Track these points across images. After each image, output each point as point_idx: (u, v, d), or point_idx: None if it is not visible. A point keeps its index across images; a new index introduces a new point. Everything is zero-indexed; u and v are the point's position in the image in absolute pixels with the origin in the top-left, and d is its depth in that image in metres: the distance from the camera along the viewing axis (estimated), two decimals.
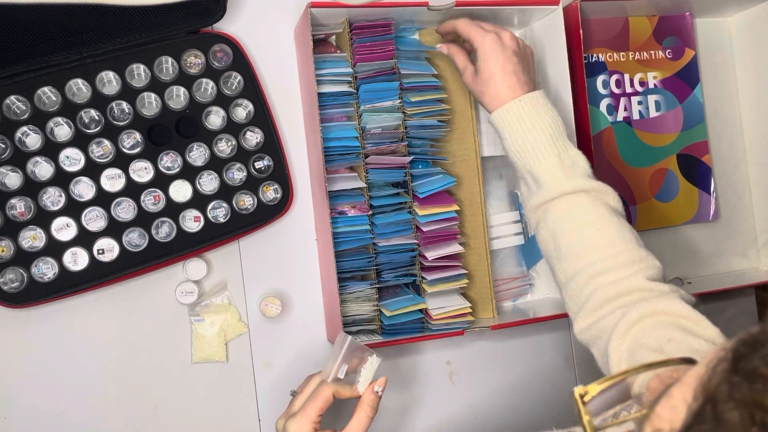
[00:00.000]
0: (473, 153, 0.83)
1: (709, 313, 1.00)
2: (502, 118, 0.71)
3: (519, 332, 0.90)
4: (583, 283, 0.65)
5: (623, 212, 0.69)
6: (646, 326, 0.59)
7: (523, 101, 0.70)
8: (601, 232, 0.66)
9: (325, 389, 0.64)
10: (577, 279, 0.66)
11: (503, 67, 0.71)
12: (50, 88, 0.72)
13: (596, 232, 0.66)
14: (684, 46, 0.97)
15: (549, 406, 0.91)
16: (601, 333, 0.63)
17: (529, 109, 0.70)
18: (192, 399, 0.79)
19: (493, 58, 0.71)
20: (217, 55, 0.77)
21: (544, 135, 0.69)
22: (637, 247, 0.66)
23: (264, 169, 0.78)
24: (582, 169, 0.69)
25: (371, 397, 0.65)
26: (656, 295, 0.62)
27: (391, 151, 0.80)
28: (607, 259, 0.65)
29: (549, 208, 0.68)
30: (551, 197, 0.68)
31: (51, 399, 0.75)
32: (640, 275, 0.64)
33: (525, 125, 0.69)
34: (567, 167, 0.68)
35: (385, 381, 0.66)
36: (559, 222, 0.68)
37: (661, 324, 0.59)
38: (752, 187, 1.01)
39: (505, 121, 0.70)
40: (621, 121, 0.94)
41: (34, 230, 0.72)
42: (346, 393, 0.65)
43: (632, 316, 0.60)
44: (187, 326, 0.79)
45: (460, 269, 0.81)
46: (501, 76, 0.71)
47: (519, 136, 0.70)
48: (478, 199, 0.83)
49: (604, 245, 0.65)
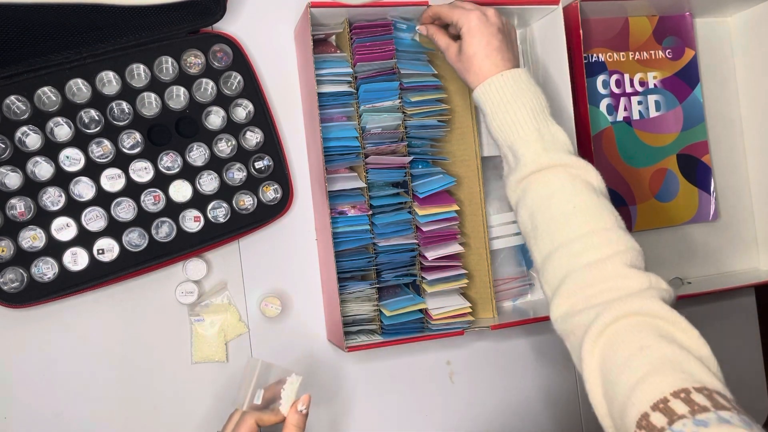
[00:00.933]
0: (473, 153, 0.83)
1: (709, 313, 1.00)
2: (485, 92, 0.70)
3: (519, 332, 0.90)
4: (557, 263, 0.62)
5: (606, 193, 0.66)
6: (619, 330, 0.56)
7: (506, 76, 0.69)
8: (576, 208, 0.63)
9: (246, 419, 0.63)
10: (552, 259, 0.63)
11: (488, 43, 0.70)
12: (50, 88, 0.72)
13: (572, 209, 0.63)
14: (684, 46, 0.97)
15: (549, 407, 0.91)
16: (575, 329, 0.60)
17: (511, 84, 0.69)
18: (192, 399, 0.79)
19: (479, 35, 0.71)
20: (217, 55, 0.77)
21: (525, 109, 0.68)
22: (616, 227, 0.62)
23: (264, 169, 0.78)
24: (562, 144, 0.67)
25: (295, 417, 0.64)
26: (633, 293, 0.58)
27: (391, 151, 0.80)
28: (583, 237, 0.61)
29: (527, 186, 0.66)
30: (530, 171, 0.66)
31: (51, 399, 0.75)
32: (617, 259, 0.60)
33: (506, 99, 0.68)
34: (547, 141, 0.66)
35: (308, 398, 0.65)
36: (537, 199, 0.65)
37: (635, 327, 0.56)
38: (752, 187, 1.01)
39: (487, 96, 0.70)
40: (621, 121, 0.94)
41: (34, 230, 0.72)
42: (270, 419, 0.64)
43: (606, 318, 0.57)
44: (187, 326, 0.79)
45: (460, 269, 0.81)
46: (486, 52, 0.70)
47: (500, 110, 0.69)
48: (478, 199, 0.83)
49: (580, 222, 0.62)
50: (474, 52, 0.71)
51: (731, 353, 1.01)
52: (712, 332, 0.98)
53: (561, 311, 0.61)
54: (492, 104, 0.69)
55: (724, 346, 1.01)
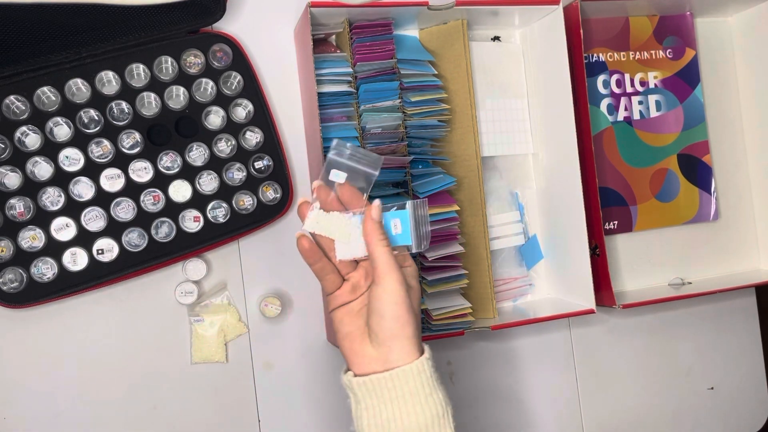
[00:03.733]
0: (473, 153, 0.83)
1: (710, 314, 1.00)
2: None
3: (519, 332, 0.90)
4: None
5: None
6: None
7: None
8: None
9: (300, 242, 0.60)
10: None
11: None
12: (50, 88, 0.72)
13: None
14: (684, 46, 0.97)
15: (549, 407, 0.91)
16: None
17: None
18: (192, 399, 0.79)
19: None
20: (217, 54, 0.77)
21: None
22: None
23: (264, 169, 0.78)
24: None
25: (371, 225, 0.58)
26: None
27: (391, 151, 0.79)
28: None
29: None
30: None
31: (50, 399, 0.75)
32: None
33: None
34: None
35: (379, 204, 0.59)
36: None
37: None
38: (753, 187, 1.01)
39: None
40: (621, 121, 0.94)
41: (34, 230, 0.71)
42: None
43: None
44: (186, 326, 0.79)
45: (460, 269, 0.81)
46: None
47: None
48: (478, 199, 0.83)
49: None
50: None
51: (732, 354, 1.01)
52: (712, 333, 0.99)
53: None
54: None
55: (725, 346, 1.01)
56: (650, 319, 0.96)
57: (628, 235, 0.94)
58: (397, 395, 0.57)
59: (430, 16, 0.80)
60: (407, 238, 0.61)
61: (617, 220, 0.93)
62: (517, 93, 0.90)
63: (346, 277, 0.63)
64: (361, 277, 0.62)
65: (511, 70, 0.90)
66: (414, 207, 0.61)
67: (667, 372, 0.97)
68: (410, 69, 0.81)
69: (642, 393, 0.96)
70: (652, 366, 0.96)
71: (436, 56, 0.84)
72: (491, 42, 0.90)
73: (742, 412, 1.01)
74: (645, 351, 0.96)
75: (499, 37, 0.90)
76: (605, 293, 0.83)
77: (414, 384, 0.57)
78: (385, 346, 0.58)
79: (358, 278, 0.63)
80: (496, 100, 0.89)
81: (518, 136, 0.90)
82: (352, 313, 0.61)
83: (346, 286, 0.62)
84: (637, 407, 0.96)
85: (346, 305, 0.62)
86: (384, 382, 0.57)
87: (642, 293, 0.91)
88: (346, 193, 0.61)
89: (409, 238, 0.61)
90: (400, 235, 0.61)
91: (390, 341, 0.58)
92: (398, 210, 0.61)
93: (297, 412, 0.82)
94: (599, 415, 0.94)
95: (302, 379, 0.82)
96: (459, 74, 0.82)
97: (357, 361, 0.60)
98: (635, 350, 0.96)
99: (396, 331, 0.58)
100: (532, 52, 0.89)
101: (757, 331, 1.03)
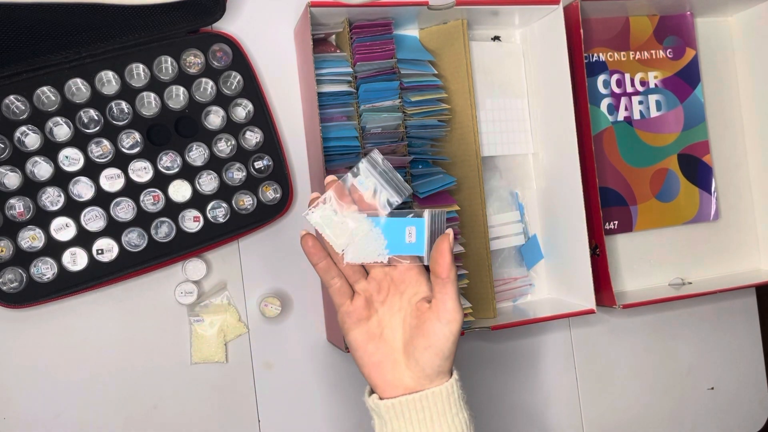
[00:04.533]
0: (473, 153, 0.83)
1: (710, 314, 1.00)
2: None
3: (519, 333, 0.90)
4: None
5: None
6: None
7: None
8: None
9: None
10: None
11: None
12: (49, 88, 0.72)
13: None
14: (685, 46, 0.97)
15: (549, 407, 0.91)
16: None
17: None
18: (192, 399, 0.79)
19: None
20: (217, 54, 0.77)
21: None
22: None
23: (264, 169, 0.78)
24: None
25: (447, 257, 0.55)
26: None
27: (391, 151, 0.79)
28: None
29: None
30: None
31: (50, 399, 0.75)
32: None
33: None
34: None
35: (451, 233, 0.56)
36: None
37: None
38: (753, 186, 1.01)
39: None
40: (621, 121, 0.93)
41: (33, 230, 0.71)
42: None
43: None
44: (186, 326, 0.79)
45: (460, 269, 0.81)
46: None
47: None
48: (478, 199, 0.83)
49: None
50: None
51: (732, 354, 1.01)
52: (712, 333, 0.99)
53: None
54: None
55: (725, 346, 1.01)
56: (650, 319, 0.96)
57: (628, 235, 0.94)
58: (425, 417, 0.57)
59: (430, 15, 0.80)
60: (421, 249, 0.58)
61: (617, 220, 0.93)
62: (517, 93, 0.90)
63: (355, 288, 0.60)
64: (375, 291, 0.59)
65: (511, 70, 0.90)
66: (431, 216, 0.58)
67: (667, 372, 0.97)
68: (410, 69, 0.81)
69: (642, 393, 0.96)
70: (652, 366, 0.96)
71: (436, 56, 0.84)
72: (491, 42, 0.90)
73: (742, 412, 1.01)
74: (645, 351, 0.96)
75: (499, 37, 0.90)
76: (605, 293, 0.83)
77: (442, 405, 0.57)
78: (427, 379, 0.57)
79: (371, 291, 0.59)
80: (496, 100, 0.89)
81: (518, 136, 0.90)
82: (375, 338, 0.59)
83: (359, 300, 0.59)
84: (637, 407, 0.96)
85: (365, 327, 0.59)
86: (413, 404, 0.57)
87: (642, 293, 0.91)
88: (357, 192, 0.59)
89: (423, 248, 0.58)
90: (413, 244, 0.58)
91: (434, 375, 0.57)
92: (415, 217, 0.58)
93: (297, 412, 0.82)
94: (599, 415, 0.94)
95: (302, 379, 0.82)
96: (459, 74, 0.82)
97: (388, 389, 0.58)
98: (635, 350, 0.96)
99: (444, 367, 0.57)
100: (532, 52, 0.89)
101: (757, 331, 1.03)
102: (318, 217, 0.58)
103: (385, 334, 0.59)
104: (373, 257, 0.58)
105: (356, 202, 0.59)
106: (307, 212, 0.58)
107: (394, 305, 0.59)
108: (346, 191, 0.59)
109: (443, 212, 0.59)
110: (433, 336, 0.56)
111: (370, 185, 0.58)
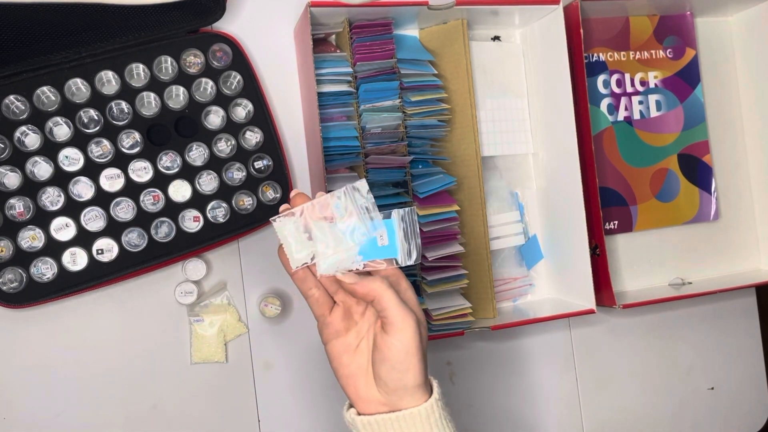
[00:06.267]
0: (473, 153, 0.83)
1: (710, 314, 1.00)
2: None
3: (519, 332, 0.90)
4: None
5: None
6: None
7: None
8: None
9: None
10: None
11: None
12: (49, 88, 0.72)
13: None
14: (685, 46, 0.97)
15: (549, 407, 0.91)
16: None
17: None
18: (191, 399, 0.79)
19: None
20: (217, 54, 0.77)
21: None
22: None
23: (263, 169, 0.78)
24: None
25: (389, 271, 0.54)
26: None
27: (391, 150, 0.79)
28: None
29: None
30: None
31: (50, 399, 0.75)
32: None
33: None
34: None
35: None
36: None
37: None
38: (753, 186, 1.01)
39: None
40: (621, 121, 0.93)
41: (33, 230, 0.71)
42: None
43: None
44: (186, 326, 0.79)
45: (460, 269, 0.81)
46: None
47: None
48: (478, 199, 0.83)
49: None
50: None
51: (732, 354, 1.01)
52: (712, 333, 0.99)
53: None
54: None
55: (725, 346, 1.01)
56: (650, 319, 0.96)
57: (628, 235, 0.94)
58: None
59: (430, 15, 0.80)
60: (394, 251, 0.56)
61: (617, 220, 0.93)
62: (517, 93, 0.90)
63: (335, 298, 0.58)
64: (353, 302, 0.57)
65: (511, 69, 0.90)
66: (400, 216, 0.56)
67: (667, 372, 0.97)
68: (410, 69, 0.81)
69: (642, 393, 0.96)
70: (652, 366, 0.96)
71: (436, 56, 0.84)
72: (491, 42, 0.90)
73: (742, 412, 1.01)
74: (645, 351, 0.96)
75: (499, 37, 0.90)
76: (605, 293, 0.83)
77: (422, 426, 0.54)
78: (395, 395, 0.55)
79: (351, 303, 0.58)
80: (496, 99, 0.89)
81: (518, 135, 0.90)
82: (350, 350, 0.57)
83: (337, 311, 0.57)
84: (637, 407, 0.96)
85: (342, 339, 0.57)
86: (391, 424, 0.54)
87: (642, 293, 0.91)
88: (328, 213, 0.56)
89: (396, 250, 0.56)
90: (386, 247, 0.56)
91: (401, 391, 0.54)
92: (384, 219, 0.56)
93: (297, 412, 0.82)
94: (599, 415, 0.94)
95: (302, 379, 0.82)
96: (459, 74, 0.82)
97: (362, 404, 0.56)
98: (635, 350, 0.96)
99: (407, 381, 0.54)
100: (532, 52, 0.89)
101: (757, 331, 1.03)
102: (283, 227, 0.56)
103: (361, 346, 0.57)
104: (347, 265, 0.56)
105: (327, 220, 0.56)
106: (275, 219, 0.56)
107: (372, 317, 0.57)
108: (327, 206, 0.56)
109: (413, 210, 0.57)
110: (385, 349, 0.54)
111: (345, 213, 0.56)
